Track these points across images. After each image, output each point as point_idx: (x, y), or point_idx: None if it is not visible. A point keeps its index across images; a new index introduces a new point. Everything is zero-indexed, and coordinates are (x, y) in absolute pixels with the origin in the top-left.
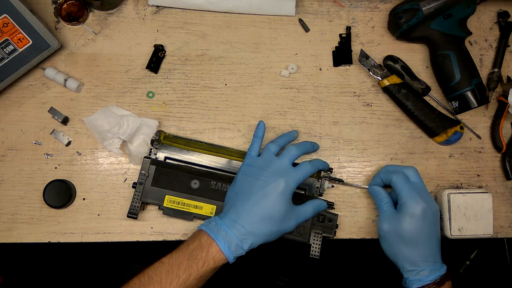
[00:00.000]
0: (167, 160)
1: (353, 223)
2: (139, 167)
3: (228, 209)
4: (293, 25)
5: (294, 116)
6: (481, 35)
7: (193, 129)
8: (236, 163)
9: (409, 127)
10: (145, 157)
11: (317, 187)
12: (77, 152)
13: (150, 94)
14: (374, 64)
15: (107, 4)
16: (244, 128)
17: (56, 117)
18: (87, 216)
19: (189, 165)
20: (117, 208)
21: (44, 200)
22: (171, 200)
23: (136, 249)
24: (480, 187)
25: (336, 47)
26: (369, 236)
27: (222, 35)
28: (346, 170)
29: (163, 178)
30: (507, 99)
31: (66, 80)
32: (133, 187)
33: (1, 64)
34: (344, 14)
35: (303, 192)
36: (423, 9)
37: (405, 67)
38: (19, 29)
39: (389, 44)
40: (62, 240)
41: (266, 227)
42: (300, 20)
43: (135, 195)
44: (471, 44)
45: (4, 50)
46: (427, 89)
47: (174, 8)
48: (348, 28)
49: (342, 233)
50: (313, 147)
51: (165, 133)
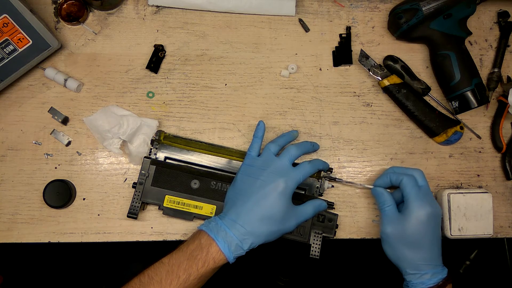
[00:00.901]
0: (167, 160)
1: (353, 223)
2: (139, 167)
3: (228, 209)
4: (293, 25)
5: (294, 116)
6: (481, 35)
7: (193, 129)
8: (236, 163)
9: (409, 127)
10: (145, 157)
11: (317, 187)
12: (77, 152)
13: (150, 94)
14: (374, 64)
15: (107, 4)
16: (244, 128)
17: (56, 117)
18: (87, 216)
19: (189, 165)
20: (117, 208)
21: (44, 200)
22: (171, 200)
23: (136, 249)
24: (480, 187)
25: (336, 47)
26: (369, 236)
27: (222, 35)
28: (346, 170)
29: (163, 178)
30: (507, 99)
31: (66, 80)
32: (133, 187)
33: (1, 64)
34: (344, 14)
35: (303, 192)
36: (423, 9)
37: (405, 67)
38: (19, 29)
39: (389, 44)
40: (62, 240)
41: (266, 227)
42: (300, 20)
43: (135, 195)
44: (471, 44)
45: (4, 50)
46: (427, 89)
47: (174, 8)
48: (348, 28)
49: (342, 233)
50: (313, 147)
51: (165, 133)
